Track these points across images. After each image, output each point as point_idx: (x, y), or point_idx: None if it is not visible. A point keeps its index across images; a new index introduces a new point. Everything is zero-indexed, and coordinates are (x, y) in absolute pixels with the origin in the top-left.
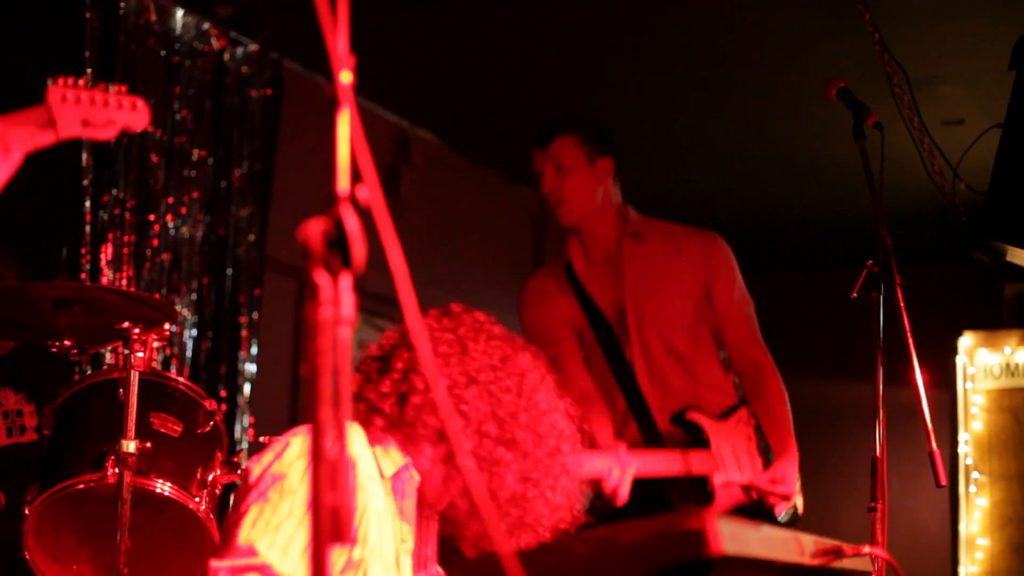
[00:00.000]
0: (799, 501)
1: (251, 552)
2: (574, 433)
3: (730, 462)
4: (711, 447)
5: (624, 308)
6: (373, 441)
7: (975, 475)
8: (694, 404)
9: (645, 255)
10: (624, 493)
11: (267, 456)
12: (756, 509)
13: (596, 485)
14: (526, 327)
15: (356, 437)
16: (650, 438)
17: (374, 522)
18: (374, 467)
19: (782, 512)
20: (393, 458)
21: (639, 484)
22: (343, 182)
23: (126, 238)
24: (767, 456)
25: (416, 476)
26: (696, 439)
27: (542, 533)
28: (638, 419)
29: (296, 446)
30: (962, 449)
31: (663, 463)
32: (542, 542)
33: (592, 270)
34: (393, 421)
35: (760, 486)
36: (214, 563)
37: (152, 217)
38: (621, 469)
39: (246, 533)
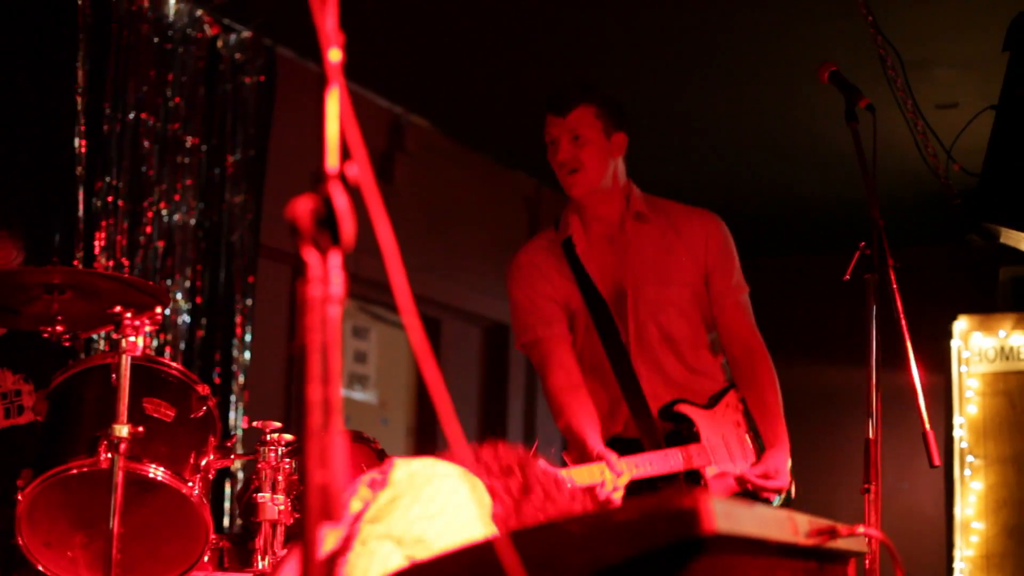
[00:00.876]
0: (792, 486)
1: None
2: None
3: (720, 453)
4: (701, 439)
5: (622, 290)
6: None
7: (970, 459)
8: (683, 393)
9: (647, 237)
10: (618, 501)
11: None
12: (749, 496)
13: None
14: (516, 302)
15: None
16: (642, 423)
17: None
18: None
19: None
20: None
21: (632, 485)
22: (332, 160)
23: (120, 225)
24: (757, 440)
25: None
26: (686, 432)
27: None
28: (630, 403)
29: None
30: (957, 433)
31: (655, 463)
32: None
33: (591, 248)
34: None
35: (753, 481)
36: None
37: (145, 204)
38: (614, 477)
39: None
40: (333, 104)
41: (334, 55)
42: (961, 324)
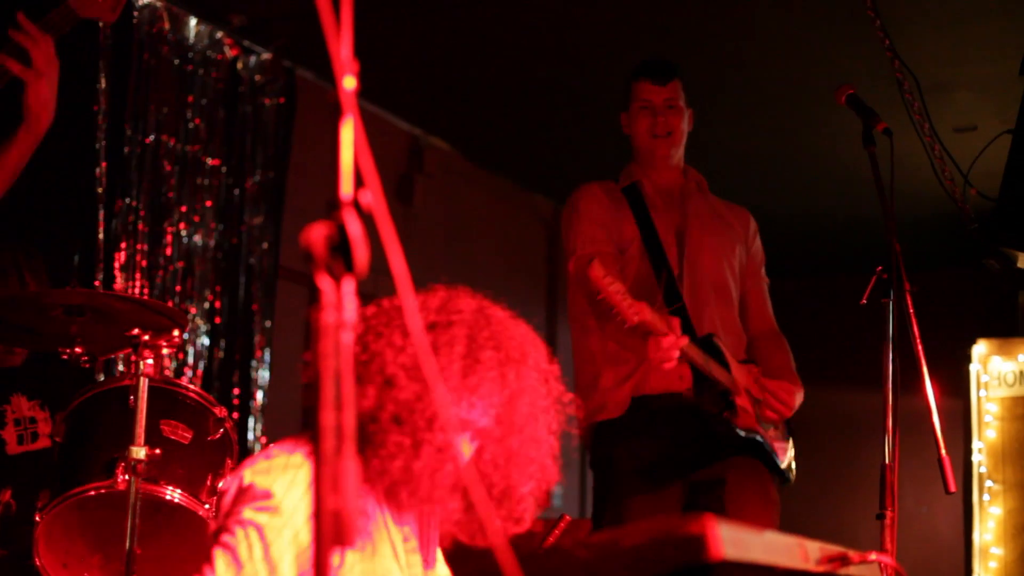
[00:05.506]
0: (792, 464)
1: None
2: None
3: (742, 393)
4: (731, 372)
5: (682, 233)
6: None
7: (989, 484)
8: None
9: (705, 203)
10: (675, 357)
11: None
12: (760, 449)
13: (649, 339)
14: (582, 216)
15: None
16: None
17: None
18: None
19: (778, 450)
20: None
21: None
22: (347, 187)
23: (139, 246)
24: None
25: None
26: (720, 362)
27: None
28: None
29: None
30: (976, 457)
31: (710, 363)
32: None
33: (655, 196)
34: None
35: (768, 385)
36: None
37: (165, 225)
38: (677, 335)
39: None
40: (348, 132)
41: (348, 83)
42: (980, 348)
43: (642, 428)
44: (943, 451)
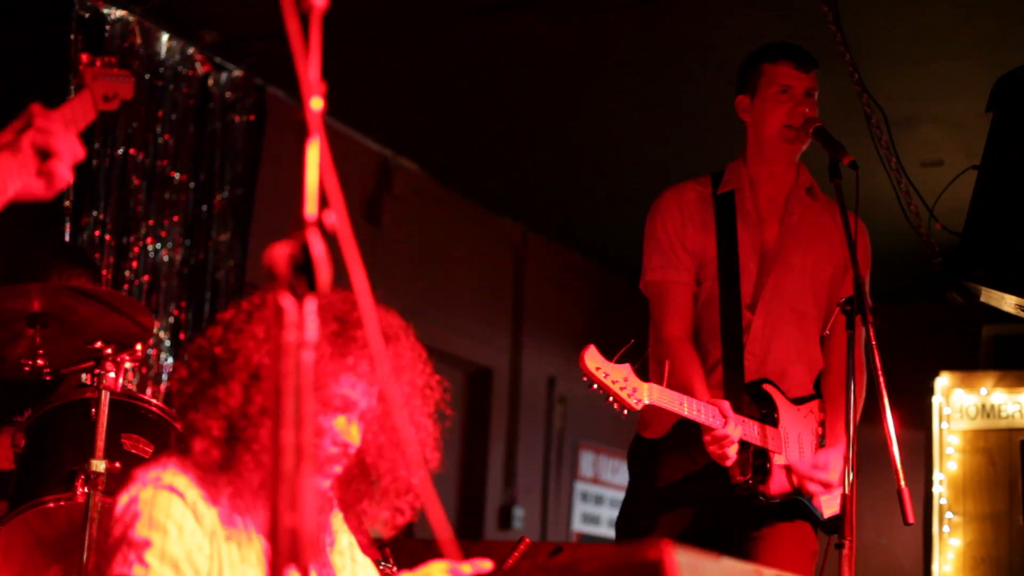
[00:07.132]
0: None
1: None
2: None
3: (792, 448)
4: (778, 426)
5: (771, 250)
6: None
7: (949, 515)
8: (784, 375)
9: (810, 210)
10: (730, 456)
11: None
12: (801, 506)
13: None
14: (654, 238)
15: None
16: (731, 389)
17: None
18: None
19: (823, 502)
20: None
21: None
22: (311, 207)
23: (106, 260)
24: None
25: None
26: (767, 414)
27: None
28: (727, 367)
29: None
30: (936, 489)
31: (747, 429)
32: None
33: (753, 205)
34: None
35: (801, 471)
36: None
37: (132, 239)
38: (734, 428)
39: None
40: (314, 153)
41: (316, 104)
42: (943, 381)
43: (677, 491)
44: (902, 482)
